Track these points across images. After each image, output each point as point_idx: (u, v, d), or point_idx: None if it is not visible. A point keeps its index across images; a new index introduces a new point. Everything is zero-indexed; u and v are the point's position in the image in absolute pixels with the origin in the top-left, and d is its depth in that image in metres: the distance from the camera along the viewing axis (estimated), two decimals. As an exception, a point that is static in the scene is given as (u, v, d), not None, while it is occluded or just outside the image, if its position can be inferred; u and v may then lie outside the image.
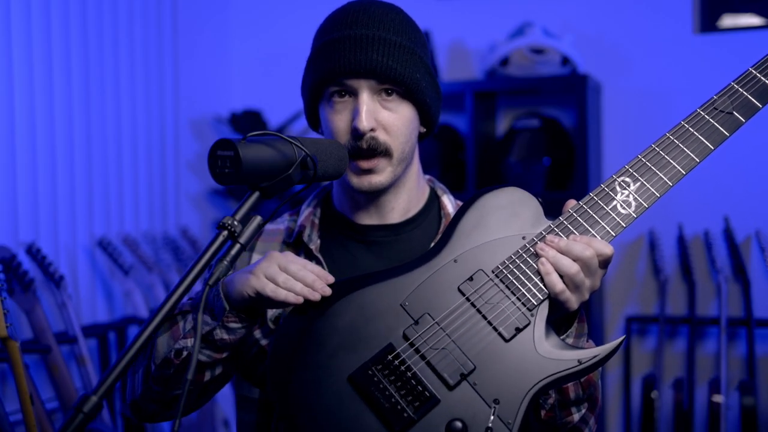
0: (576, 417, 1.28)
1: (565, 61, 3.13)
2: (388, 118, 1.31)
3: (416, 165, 1.42)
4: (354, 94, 1.31)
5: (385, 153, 1.31)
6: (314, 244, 1.39)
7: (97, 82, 3.00)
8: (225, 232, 1.07)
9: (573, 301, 1.16)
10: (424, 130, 1.40)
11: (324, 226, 1.43)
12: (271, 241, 1.45)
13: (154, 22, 3.32)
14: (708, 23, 3.14)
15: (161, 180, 3.37)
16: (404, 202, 1.40)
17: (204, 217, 3.67)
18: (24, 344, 2.27)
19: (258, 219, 1.09)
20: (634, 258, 3.28)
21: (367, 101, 1.29)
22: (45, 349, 2.41)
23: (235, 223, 1.07)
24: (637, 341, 3.29)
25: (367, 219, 1.40)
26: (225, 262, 1.05)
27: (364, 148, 1.29)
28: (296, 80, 1.52)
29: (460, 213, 1.24)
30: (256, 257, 1.42)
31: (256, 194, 1.11)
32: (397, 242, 1.39)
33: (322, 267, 1.37)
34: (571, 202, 1.20)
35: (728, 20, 3.12)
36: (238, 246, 1.07)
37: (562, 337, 1.20)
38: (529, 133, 3.21)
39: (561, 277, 1.15)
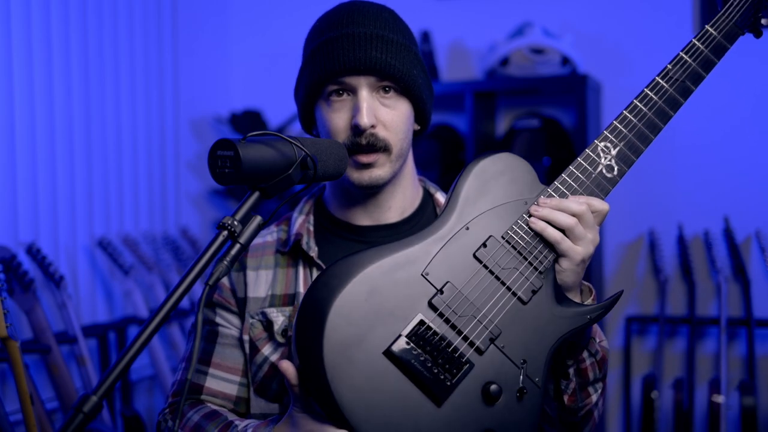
0: (594, 398, 1.34)
1: (565, 61, 3.13)
2: (387, 114, 1.32)
3: (411, 163, 1.44)
4: (353, 92, 1.32)
5: (385, 149, 1.32)
6: (314, 252, 1.39)
7: (97, 82, 3.00)
8: (225, 232, 1.07)
9: (579, 251, 1.21)
10: (418, 127, 1.41)
11: (320, 232, 1.43)
12: (262, 255, 1.43)
13: (154, 22, 3.32)
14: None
15: (161, 180, 3.37)
16: (401, 201, 1.41)
17: (204, 217, 3.66)
18: (24, 344, 2.28)
19: (258, 219, 1.09)
20: (634, 258, 3.28)
21: (367, 98, 1.31)
22: (45, 349, 2.41)
23: (235, 223, 1.07)
24: (637, 341, 3.29)
25: (366, 220, 1.41)
26: (225, 262, 1.05)
27: (363, 144, 1.30)
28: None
29: (461, 181, 1.26)
30: (251, 275, 1.41)
31: (256, 194, 1.11)
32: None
33: None
34: None
35: (728, 20, 3.12)
36: (238, 246, 1.07)
37: (587, 302, 1.27)
38: (529, 133, 3.21)
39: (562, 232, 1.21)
